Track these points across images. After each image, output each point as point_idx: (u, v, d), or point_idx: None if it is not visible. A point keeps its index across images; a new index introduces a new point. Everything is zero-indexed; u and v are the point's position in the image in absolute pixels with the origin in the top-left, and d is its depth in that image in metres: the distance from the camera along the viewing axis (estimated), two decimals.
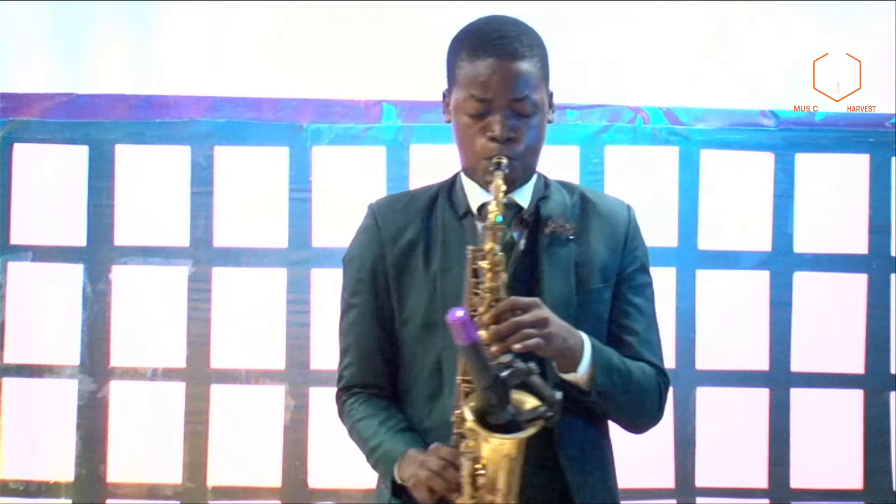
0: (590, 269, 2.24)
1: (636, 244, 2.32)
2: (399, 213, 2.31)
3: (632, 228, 2.31)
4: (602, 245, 2.26)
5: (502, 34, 2.21)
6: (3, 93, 3.69)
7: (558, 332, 2.09)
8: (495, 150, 2.18)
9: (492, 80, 2.17)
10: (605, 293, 2.25)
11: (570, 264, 2.23)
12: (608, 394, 2.17)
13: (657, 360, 2.29)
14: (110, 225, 3.69)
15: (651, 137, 3.69)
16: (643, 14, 3.71)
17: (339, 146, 3.70)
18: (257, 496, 3.66)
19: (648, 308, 2.32)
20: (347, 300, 2.34)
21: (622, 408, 2.23)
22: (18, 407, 3.70)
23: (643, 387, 2.24)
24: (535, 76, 2.20)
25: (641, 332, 2.28)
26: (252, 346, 3.69)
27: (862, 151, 3.71)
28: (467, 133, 2.21)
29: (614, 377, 2.18)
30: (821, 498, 3.68)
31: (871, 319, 3.69)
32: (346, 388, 2.36)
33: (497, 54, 2.18)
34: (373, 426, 2.26)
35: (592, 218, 2.29)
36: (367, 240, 2.31)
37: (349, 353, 2.34)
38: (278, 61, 3.72)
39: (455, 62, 2.24)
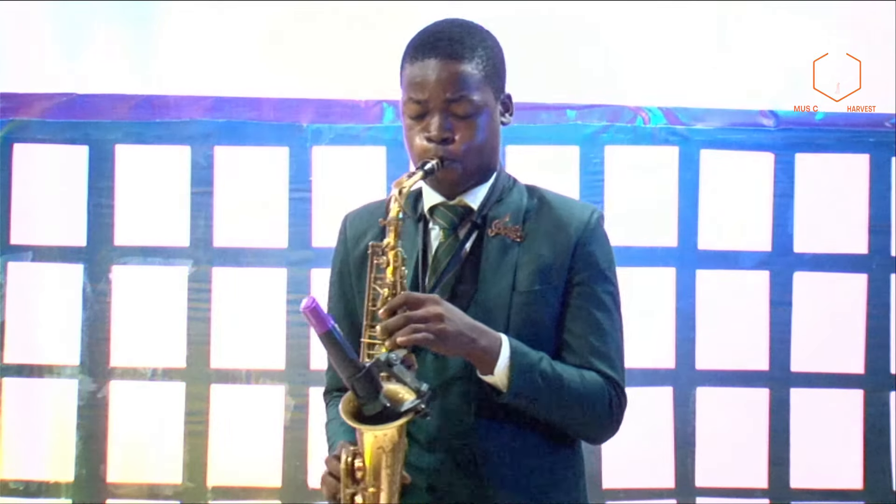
0: (529, 272, 2.21)
1: (592, 249, 2.25)
2: (364, 218, 2.34)
3: (587, 233, 2.25)
4: (548, 248, 2.23)
5: (443, 36, 2.22)
6: (3, 93, 3.69)
7: (458, 331, 2.07)
8: (430, 151, 2.18)
9: (427, 80, 2.18)
10: (544, 295, 2.20)
11: (510, 266, 2.21)
12: (528, 396, 2.13)
13: (609, 370, 2.21)
14: (110, 225, 3.69)
15: (651, 137, 3.69)
16: (643, 14, 3.71)
17: (339, 146, 3.70)
18: (257, 496, 3.66)
19: (605, 317, 2.24)
20: (327, 304, 2.36)
21: (551, 413, 2.17)
22: (18, 407, 3.70)
23: (579, 393, 2.17)
24: (475, 77, 2.20)
25: (592, 341, 2.21)
26: (252, 346, 3.69)
27: (862, 151, 3.71)
28: (409, 134, 2.23)
29: (536, 380, 2.13)
30: (821, 498, 3.68)
31: (871, 319, 3.69)
32: (327, 391, 2.44)
33: (434, 55, 2.19)
34: (335, 427, 2.31)
35: (544, 221, 2.26)
36: (338, 245, 2.37)
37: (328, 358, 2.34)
38: (278, 61, 3.72)
39: (401, 65, 2.25)
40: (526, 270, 2.21)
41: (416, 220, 2.27)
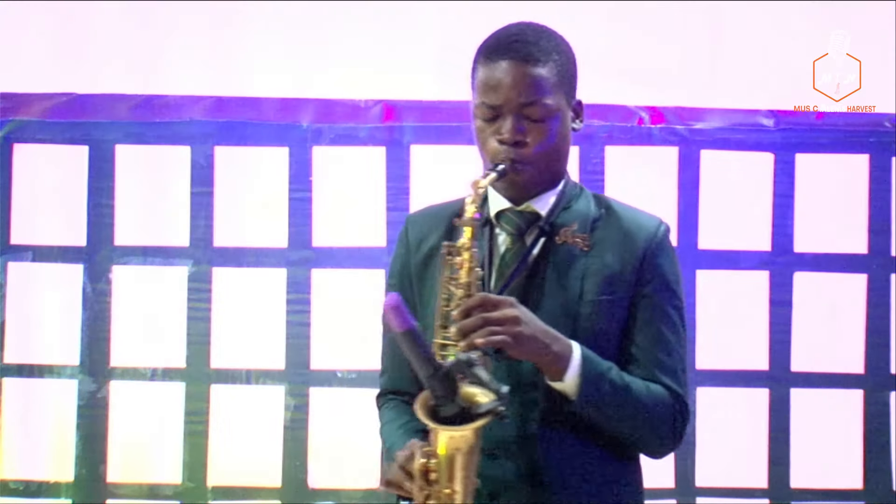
0: (596, 281, 2.20)
1: (660, 262, 2.24)
2: (427, 220, 2.32)
3: (655, 245, 2.24)
4: (615, 257, 2.22)
5: (517, 39, 2.21)
6: (3, 93, 3.68)
7: (533, 335, 2.06)
8: (502, 154, 2.17)
9: (501, 83, 2.17)
10: (611, 306, 2.20)
11: (578, 275, 2.20)
12: (597, 405, 2.12)
13: (675, 385, 2.20)
14: (110, 225, 3.69)
15: (651, 137, 3.69)
16: (643, 14, 3.71)
17: (339, 146, 3.70)
18: (257, 496, 3.66)
19: (670, 329, 2.22)
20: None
21: (617, 423, 2.17)
22: (18, 407, 3.70)
23: (645, 405, 2.17)
24: (550, 81, 2.19)
25: (658, 355, 2.20)
26: (252, 346, 3.69)
27: (862, 151, 3.71)
28: (480, 137, 2.21)
29: (605, 388, 2.12)
30: (821, 498, 3.68)
31: (871, 319, 3.69)
32: (382, 394, 2.37)
33: (509, 58, 2.18)
34: (392, 430, 2.26)
35: (612, 231, 2.25)
36: (398, 248, 2.34)
37: (384, 360, 2.35)
38: (278, 61, 3.72)
39: (474, 67, 2.24)
40: (593, 280, 2.20)
41: (481, 225, 2.24)
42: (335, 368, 3.66)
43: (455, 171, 3.69)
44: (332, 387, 3.66)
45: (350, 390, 3.65)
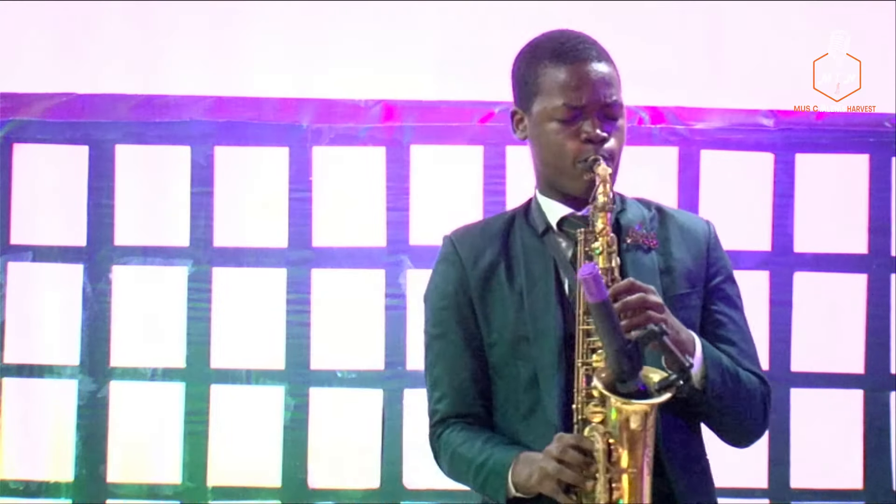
0: (674, 277, 2.22)
1: (719, 254, 2.30)
2: (476, 237, 2.30)
3: (713, 239, 2.30)
4: (685, 253, 2.25)
5: (582, 41, 2.24)
6: (3, 93, 3.68)
7: (673, 322, 2.08)
8: (590, 151, 2.17)
9: (585, 83, 2.19)
10: (692, 299, 2.23)
11: (655, 272, 2.21)
12: (718, 391, 2.14)
13: (760, 372, 2.25)
14: (110, 225, 3.69)
15: (651, 137, 3.69)
16: (643, 14, 3.71)
17: (339, 146, 3.69)
18: (257, 496, 3.66)
19: (741, 318, 2.29)
20: (431, 332, 2.29)
21: (731, 412, 2.19)
22: (18, 407, 3.70)
23: (750, 392, 2.20)
24: (617, 79, 2.24)
25: (738, 343, 2.25)
26: (252, 346, 3.69)
27: (862, 151, 3.70)
28: (556, 139, 2.20)
29: (726, 377, 2.15)
30: (821, 498, 3.68)
31: (871, 319, 3.69)
32: (442, 420, 2.26)
33: (584, 58, 2.21)
34: (477, 445, 2.19)
35: (672, 228, 2.28)
36: (447, 267, 2.29)
37: (439, 385, 2.27)
38: (278, 61, 3.72)
39: (535, 72, 2.23)
40: (670, 275, 2.22)
41: (538, 236, 2.25)
42: (335, 368, 3.66)
43: (455, 171, 3.71)
44: (332, 387, 3.66)
45: (350, 390, 3.65)
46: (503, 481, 2.13)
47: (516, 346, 2.20)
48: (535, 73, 2.23)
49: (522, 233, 2.27)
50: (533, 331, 2.17)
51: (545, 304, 2.18)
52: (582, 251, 2.13)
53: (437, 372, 2.27)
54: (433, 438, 2.28)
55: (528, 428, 2.18)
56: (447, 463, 2.25)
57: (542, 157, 2.25)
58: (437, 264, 2.32)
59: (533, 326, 2.16)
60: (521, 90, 2.26)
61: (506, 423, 2.22)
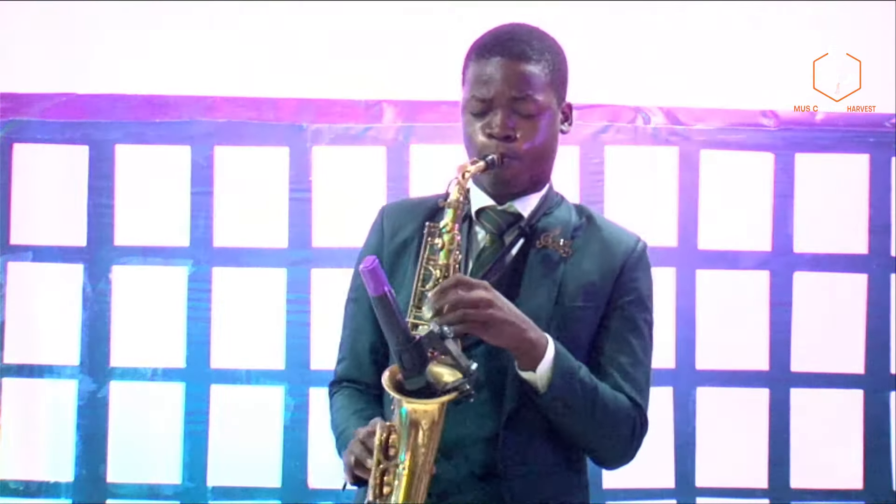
0: (574, 288, 2.20)
1: (637, 276, 2.26)
2: (404, 213, 2.33)
3: (633, 258, 2.26)
4: (594, 267, 2.23)
5: (511, 37, 2.22)
6: (3, 93, 3.69)
7: (507, 319, 2.05)
8: (491, 147, 2.18)
9: (494, 77, 2.18)
10: (586, 314, 2.20)
11: (555, 280, 2.20)
12: (565, 401, 2.11)
13: (638, 397, 2.21)
14: (110, 225, 3.69)
15: (651, 137, 3.69)
16: (643, 14, 3.71)
17: (339, 146, 3.70)
18: (257, 496, 3.66)
19: (639, 344, 2.25)
20: (348, 295, 2.37)
21: (581, 424, 2.15)
22: (18, 407, 3.70)
23: (610, 411, 2.16)
24: (541, 79, 2.21)
25: (624, 365, 2.21)
26: (252, 346, 3.69)
27: (862, 151, 3.71)
28: (468, 131, 2.22)
29: (575, 386, 2.11)
30: (821, 498, 3.68)
31: (871, 319, 3.69)
32: (337, 381, 2.36)
33: (502, 54, 2.19)
34: (346, 414, 2.26)
35: (592, 241, 2.26)
36: (371, 236, 2.36)
37: (343, 347, 2.36)
38: (278, 61, 3.72)
39: (465, 64, 2.26)
40: (571, 286, 2.20)
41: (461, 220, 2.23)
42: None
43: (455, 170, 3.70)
44: None
45: None
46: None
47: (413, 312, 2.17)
48: (465, 65, 2.26)
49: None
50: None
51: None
52: (425, 243, 2.12)
53: (344, 334, 2.35)
54: (329, 396, 2.36)
55: None
56: (330, 423, 2.32)
57: (465, 147, 2.26)
58: (369, 231, 2.38)
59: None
60: (461, 82, 2.29)
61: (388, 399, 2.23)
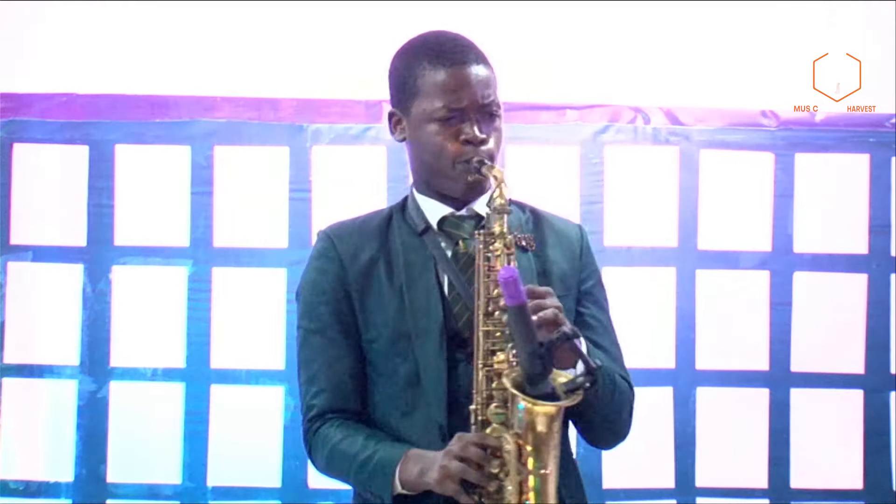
0: (551, 279, 2.22)
1: (590, 259, 2.33)
2: (354, 234, 2.30)
3: (585, 243, 2.33)
4: (559, 256, 2.27)
5: (461, 44, 2.24)
6: (3, 93, 3.69)
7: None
8: (470, 153, 2.18)
9: (464, 84, 2.19)
10: (567, 302, 2.20)
11: (533, 274, 2.22)
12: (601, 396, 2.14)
13: (627, 376, 2.27)
14: (110, 225, 3.69)
15: (651, 137, 3.69)
16: (643, 14, 3.71)
17: (339, 146, 3.70)
18: (257, 496, 3.66)
19: (609, 322, 2.31)
20: (306, 327, 2.28)
21: (607, 413, 2.20)
22: (18, 407, 3.70)
23: (623, 394, 2.23)
24: (494, 80, 2.24)
25: (608, 347, 2.26)
26: (252, 346, 3.69)
27: (862, 151, 3.71)
28: (436, 140, 2.21)
29: (606, 379, 2.16)
30: (821, 498, 3.68)
31: (871, 319, 3.69)
32: (320, 415, 2.25)
33: (462, 61, 2.21)
34: (360, 441, 2.18)
35: (547, 231, 2.30)
36: (324, 263, 2.28)
37: (317, 380, 2.25)
38: (278, 61, 3.72)
39: (414, 74, 2.24)
40: (547, 278, 2.22)
41: (416, 235, 2.26)
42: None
43: None
44: None
45: None
46: (390, 478, 2.11)
47: (396, 343, 2.19)
48: (413, 74, 2.24)
49: (401, 231, 2.28)
50: (414, 328, 2.16)
51: (426, 302, 2.18)
52: (481, 253, 2.12)
53: (315, 367, 2.25)
54: (308, 434, 2.26)
55: (409, 425, 2.18)
56: (324, 458, 2.23)
57: (421, 158, 2.26)
58: (312, 259, 2.31)
59: (414, 324, 2.16)
60: (400, 92, 2.28)
61: (384, 420, 2.22)
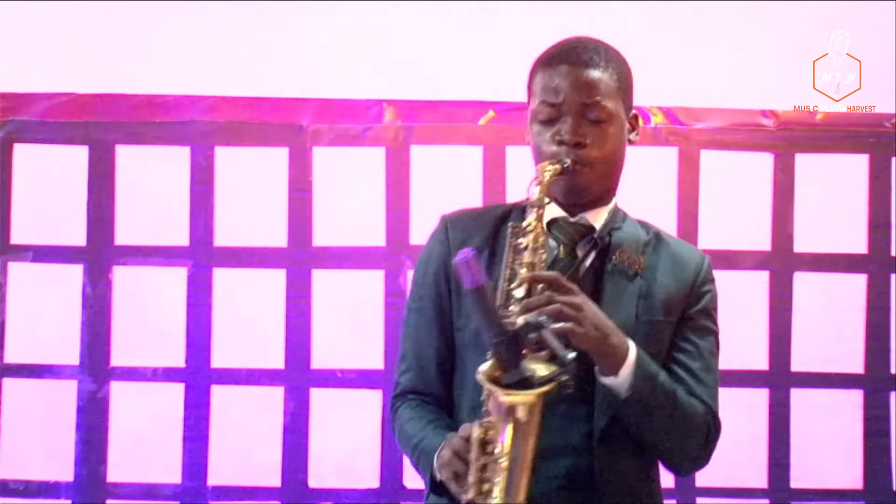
0: (653, 302, 2.21)
1: (708, 289, 2.29)
2: (469, 222, 2.32)
3: (704, 273, 2.29)
4: (670, 282, 2.24)
5: (578, 46, 2.25)
6: (3, 93, 3.68)
7: (594, 322, 2.06)
8: (561, 154, 2.18)
9: (563, 84, 2.20)
10: (665, 327, 2.22)
11: (634, 296, 2.21)
12: (646, 404, 2.13)
13: (711, 403, 2.23)
14: (110, 225, 3.69)
15: (651, 137, 3.69)
16: (643, 14, 3.71)
17: (339, 146, 3.70)
18: (257, 496, 3.66)
19: (708, 351, 2.26)
20: (409, 305, 2.33)
21: (661, 429, 2.17)
22: (18, 407, 3.70)
23: (687, 415, 2.19)
24: (609, 86, 2.21)
25: (696, 371, 2.23)
26: (252, 346, 3.69)
27: (862, 151, 3.71)
28: (538, 140, 2.22)
29: (656, 390, 2.13)
30: (821, 498, 3.68)
31: (871, 319, 3.69)
32: (402, 393, 2.31)
33: (570, 62, 2.21)
34: (419, 425, 2.22)
35: (664, 256, 2.27)
36: (435, 246, 2.31)
37: (406, 358, 2.31)
38: (278, 61, 3.72)
39: (532, 77, 2.28)
40: (649, 301, 2.21)
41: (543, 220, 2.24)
42: (335, 368, 3.66)
43: (455, 171, 3.70)
44: (332, 387, 3.66)
45: (350, 390, 3.65)
46: (430, 464, 2.14)
47: (476, 336, 2.18)
48: (532, 77, 2.28)
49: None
50: None
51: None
52: (509, 244, 2.13)
53: (407, 345, 2.31)
54: (391, 409, 2.31)
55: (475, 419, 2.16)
56: (398, 435, 2.29)
57: (533, 159, 2.27)
58: (428, 241, 2.34)
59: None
60: (527, 96, 2.31)
61: (458, 408, 2.24)
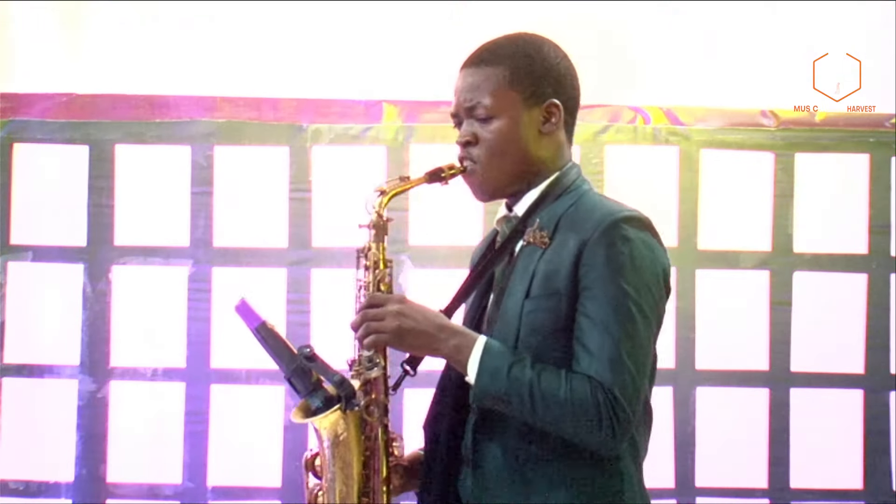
0: (541, 277, 2.13)
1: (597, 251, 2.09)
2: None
3: (597, 234, 2.09)
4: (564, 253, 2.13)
5: (479, 47, 2.25)
6: (3, 93, 3.69)
7: (416, 328, 2.09)
8: (459, 155, 2.24)
9: (456, 88, 2.25)
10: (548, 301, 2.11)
11: (530, 273, 2.14)
12: (497, 399, 2.07)
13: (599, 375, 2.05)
14: (110, 225, 3.69)
15: (651, 137, 3.69)
16: (643, 14, 3.71)
17: (339, 146, 3.70)
18: (257, 496, 3.66)
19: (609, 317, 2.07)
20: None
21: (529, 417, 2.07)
22: (18, 407, 3.70)
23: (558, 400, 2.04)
24: (497, 81, 2.20)
25: (587, 343, 2.07)
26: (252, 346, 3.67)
27: (862, 151, 3.71)
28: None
29: (501, 384, 2.05)
30: (821, 498, 3.68)
31: (871, 319, 3.69)
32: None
33: (462, 66, 2.25)
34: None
35: (570, 226, 2.16)
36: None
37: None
38: (278, 61, 3.72)
39: None
40: (539, 276, 2.13)
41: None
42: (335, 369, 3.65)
43: None
44: None
45: None
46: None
47: None
48: None
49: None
50: None
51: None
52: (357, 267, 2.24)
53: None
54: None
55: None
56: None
57: None
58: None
59: None
60: None
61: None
